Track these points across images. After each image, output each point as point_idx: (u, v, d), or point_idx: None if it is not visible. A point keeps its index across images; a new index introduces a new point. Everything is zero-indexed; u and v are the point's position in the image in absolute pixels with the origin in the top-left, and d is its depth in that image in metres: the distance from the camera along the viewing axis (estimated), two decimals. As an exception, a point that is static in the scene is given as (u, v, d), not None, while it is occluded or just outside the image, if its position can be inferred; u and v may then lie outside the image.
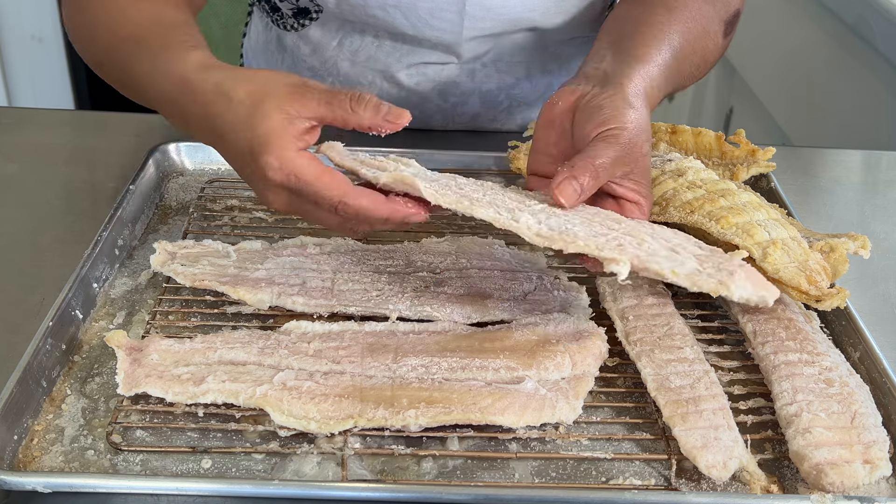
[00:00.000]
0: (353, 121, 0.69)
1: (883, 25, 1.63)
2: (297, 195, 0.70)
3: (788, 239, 0.76)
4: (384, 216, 0.70)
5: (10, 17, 2.42)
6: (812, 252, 0.76)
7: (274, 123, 0.68)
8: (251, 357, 0.71)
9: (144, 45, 0.79)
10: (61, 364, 0.73)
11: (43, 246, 0.90)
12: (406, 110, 0.71)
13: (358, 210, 0.69)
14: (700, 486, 0.65)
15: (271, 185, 0.69)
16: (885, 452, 0.65)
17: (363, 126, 0.69)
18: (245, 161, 0.70)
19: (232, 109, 0.69)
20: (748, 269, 0.66)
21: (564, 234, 0.67)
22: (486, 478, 0.66)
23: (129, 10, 0.84)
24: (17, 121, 1.16)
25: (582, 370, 0.72)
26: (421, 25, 1.04)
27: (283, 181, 0.68)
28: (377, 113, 0.69)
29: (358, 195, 0.68)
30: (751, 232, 0.75)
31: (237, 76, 0.71)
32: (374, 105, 0.69)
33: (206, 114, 0.72)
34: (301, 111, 0.68)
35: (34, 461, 0.65)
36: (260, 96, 0.68)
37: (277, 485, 0.63)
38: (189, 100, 0.73)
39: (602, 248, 0.65)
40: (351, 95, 0.69)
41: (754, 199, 0.81)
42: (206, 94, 0.71)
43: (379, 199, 0.69)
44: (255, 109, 0.68)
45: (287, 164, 0.68)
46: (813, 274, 0.74)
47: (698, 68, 0.93)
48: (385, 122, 0.69)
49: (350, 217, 0.70)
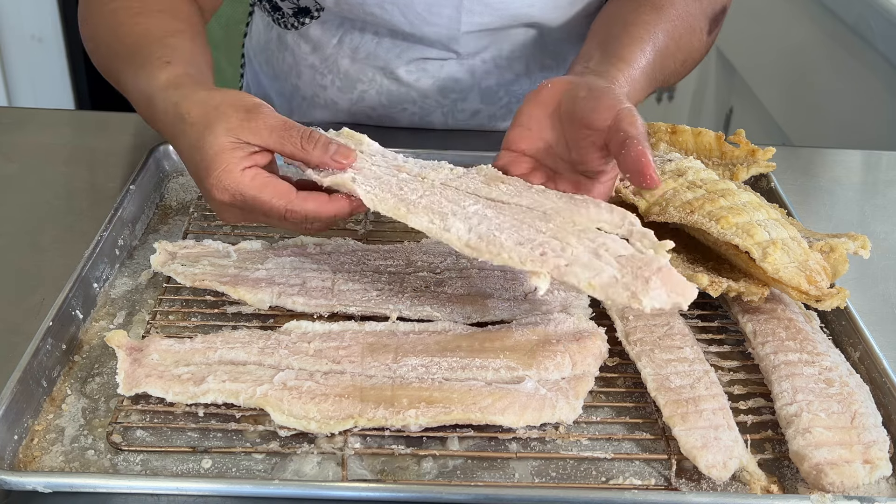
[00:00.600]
0: (300, 157, 0.73)
1: (883, 25, 1.62)
2: (247, 210, 0.73)
3: (788, 239, 0.76)
4: (332, 214, 0.73)
5: (10, 17, 2.42)
6: (812, 252, 0.76)
7: (222, 146, 0.71)
8: (251, 357, 0.71)
9: (129, 62, 0.83)
10: (61, 364, 0.73)
11: (43, 246, 0.90)
12: (353, 150, 0.74)
13: (306, 214, 0.72)
14: (700, 485, 0.65)
15: (220, 204, 0.73)
16: (884, 452, 0.65)
17: (311, 163, 0.73)
18: (199, 181, 0.73)
19: (186, 132, 0.73)
20: (665, 274, 0.65)
21: (491, 244, 0.68)
22: (486, 478, 0.66)
23: (126, 25, 0.87)
24: (17, 121, 1.16)
25: (582, 370, 0.72)
26: (419, 22, 1.04)
27: (230, 200, 0.72)
28: (325, 152, 0.72)
29: (302, 201, 0.72)
30: (751, 232, 0.75)
31: (193, 98, 0.74)
32: (323, 144, 0.72)
33: (168, 133, 0.77)
34: (250, 139, 0.71)
35: (34, 461, 0.65)
36: (211, 120, 0.72)
37: (278, 485, 0.63)
38: (157, 119, 0.78)
39: (524, 261, 0.66)
40: (302, 134, 0.72)
41: (754, 199, 0.81)
42: (168, 114, 0.75)
43: (323, 200, 0.72)
44: (206, 131, 0.71)
45: (231, 183, 0.71)
46: (813, 274, 0.74)
47: (683, 64, 0.96)
48: (332, 160, 0.73)
49: (300, 221, 0.73)
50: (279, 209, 0.71)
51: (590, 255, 0.67)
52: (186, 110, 0.73)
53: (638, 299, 0.63)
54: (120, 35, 0.86)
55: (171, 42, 0.84)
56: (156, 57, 0.80)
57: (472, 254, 0.68)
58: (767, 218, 0.78)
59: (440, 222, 0.70)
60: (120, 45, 0.86)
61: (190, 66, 0.81)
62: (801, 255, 0.75)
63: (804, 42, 2.01)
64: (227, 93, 0.74)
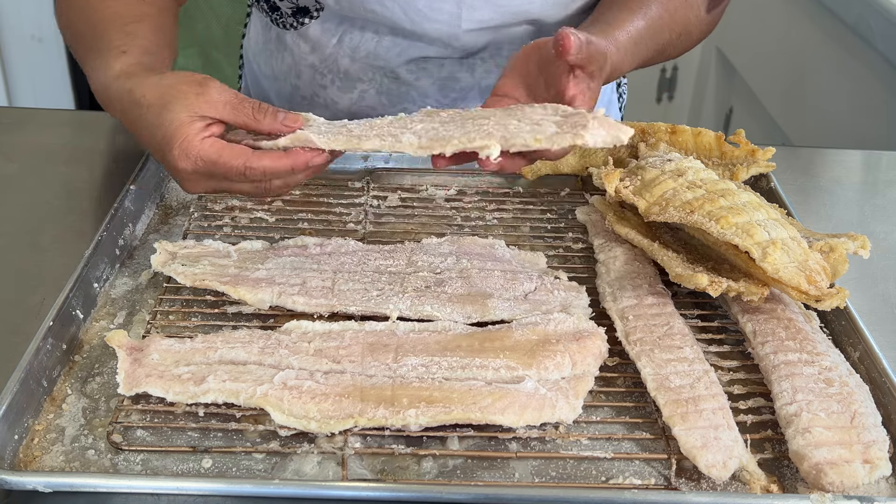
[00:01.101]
0: (252, 126, 0.78)
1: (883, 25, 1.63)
2: (209, 175, 0.77)
3: (788, 239, 0.76)
4: (289, 167, 0.77)
5: (10, 17, 2.43)
6: (812, 252, 0.76)
7: (181, 120, 0.76)
8: (251, 357, 0.71)
9: (91, 48, 0.86)
10: (62, 364, 0.73)
11: (43, 246, 0.90)
12: (299, 115, 0.79)
13: (264, 169, 0.76)
14: (700, 485, 0.65)
15: (184, 173, 0.77)
16: (884, 452, 0.65)
17: (263, 131, 0.78)
18: (163, 157, 0.77)
19: (143, 114, 0.77)
20: (601, 119, 0.71)
21: (441, 139, 0.73)
22: (486, 477, 0.66)
23: (95, 9, 0.89)
24: (17, 121, 1.16)
25: (582, 370, 0.72)
26: (419, 19, 1.04)
27: (193, 167, 0.76)
28: (275, 119, 0.78)
29: (259, 157, 0.76)
30: (751, 232, 0.75)
31: (145, 82, 0.79)
32: (273, 112, 0.78)
33: (126, 120, 0.80)
34: (207, 111, 0.76)
35: (35, 461, 0.65)
36: (168, 98, 0.76)
37: (278, 484, 0.63)
38: (111, 109, 0.81)
39: (473, 140, 0.71)
40: (253, 105, 0.78)
41: (754, 199, 0.81)
42: (123, 101, 0.79)
43: (278, 155, 0.77)
44: (163, 110, 0.76)
45: (192, 150, 0.75)
46: (813, 274, 0.74)
47: (679, 38, 1.01)
48: (282, 125, 0.78)
49: (259, 178, 0.77)
50: (238, 167, 0.76)
51: (531, 126, 0.73)
52: (141, 94, 0.78)
53: (581, 136, 0.69)
54: (88, 18, 0.89)
55: (132, 29, 0.87)
56: (114, 45, 0.84)
57: (424, 153, 0.73)
58: (767, 218, 0.78)
59: (391, 139, 0.75)
60: (87, 28, 0.89)
61: (145, 55, 0.84)
62: (801, 255, 0.75)
63: (804, 42, 2.01)
64: (178, 74, 0.79)
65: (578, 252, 0.91)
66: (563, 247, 0.92)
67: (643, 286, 0.81)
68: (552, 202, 0.99)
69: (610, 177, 0.87)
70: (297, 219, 0.93)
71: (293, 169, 0.77)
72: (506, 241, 0.89)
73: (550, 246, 0.92)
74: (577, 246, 0.92)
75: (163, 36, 0.90)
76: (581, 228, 0.93)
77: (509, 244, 0.89)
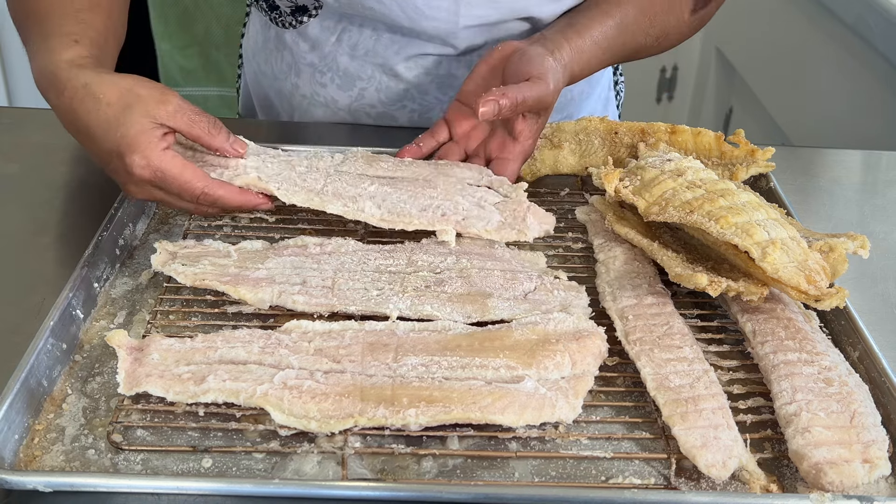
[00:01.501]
0: (205, 140, 0.83)
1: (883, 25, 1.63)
2: (161, 188, 0.81)
3: (788, 239, 0.76)
4: (239, 204, 0.84)
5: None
6: (811, 252, 0.76)
7: (143, 126, 0.78)
8: (252, 356, 0.71)
9: (38, 27, 0.87)
10: (62, 363, 0.74)
11: (43, 246, 0.90)
12: (245, 143, 0.87)
13: (216, 199, 0.82)
14: (699, 485, 0.65)
15: (136, 179, 0.80)
16: (884, 451, 0.65)
17: (213, 147, 0.84)
18: (110, 157, 0.80)
19: (100, 110, 0.79)
20: (533, 210, 0.89)
21: (402, 215, 0.86)
22: (485, 477, 0.66)
23: None
24: (17, 121, 1.16)
25: (582, 369, 0.72)
26: (417, 16, 1.04)
27: (150, 177, 0.80)
28: (227, 139, 0.85)
29: (217, 187, 0.82)
30: (750, 232, 0.75)
31: (104, 80, 0.81)
32: (226, 133, 0.85)
33: (71, 108, 0.81)
34: (166, 121, 0.80)
35: (35, 460, 0.66)
36: (129, 101, 0.79)
37: (278, 484, 0.63)
38: (55, 93, 0.82)
39: (433, 224, 0.86)
40: (209, 121, 0.83)
41: (753, 199, 0.81)
42: (76, 91, 0.80)
43: (234, 191, 0.84)
44: (124, 113, 0.79)
45: (154, 162, 0.79)
46: (812, 274, 0.74)
47: (657, 41, 1.05)
48: (231, 148, 0.85)
49: (208, 204, 0.83)
50: (196, 189, 0.80)
51: (477, 208, 0.88)
52: (101, 91, 0.79)
53: (524, 234, 0.87)
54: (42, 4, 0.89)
55: (85, 17, 0.88)
56: (65, 32, 0.85)
57: (387, 226, 0.86)
58: (767, 218, 0.78)
59: (353, 205, 0.86)
60: (38, 7, 0.89)
61: (95, 48, 0.86)
62: (801, 254, 0.75)
63: (804, 42, 2.01)
64: (134, 77, 0.82)
65: (578, 252, 0.91)
66: (563, 247, 0.92)
67: (643, 286, 0.81)
68: (552, 202, 0.99)
69: (609, 177, 0.87)
70: (297, 219, 0.93)
71: (241, 207, 0.84)
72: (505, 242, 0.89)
73: (550, 246, 0.92)
74: (577, 246, 0.92)
75: (111, 25, 0.91)
76: (581, 228, 0.94)
77: (509, 244, 0.89)
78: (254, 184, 0.85)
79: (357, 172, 0.90)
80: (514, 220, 0.87)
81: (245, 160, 0.88)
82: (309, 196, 0.85)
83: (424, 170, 0.92)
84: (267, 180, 0.86)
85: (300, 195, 0.85)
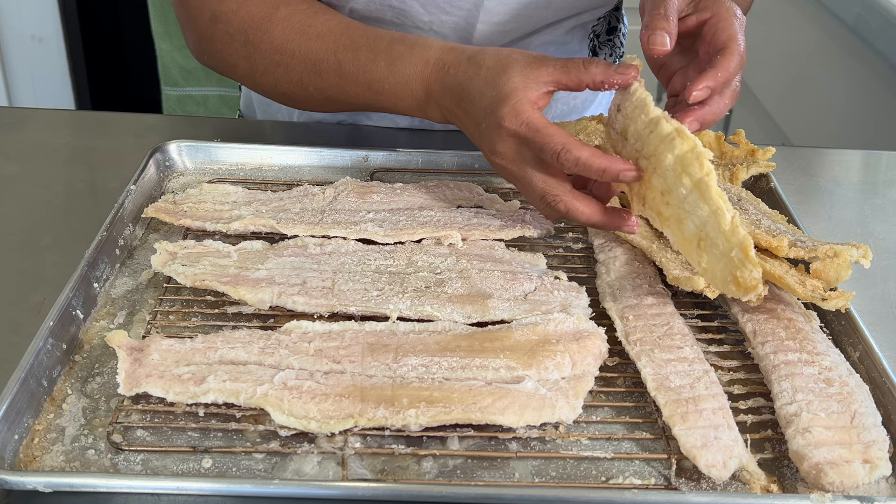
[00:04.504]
0: (586, 79, 0.79)
1: (883, 25, 1.63)
2: (525, 144, 0.80)
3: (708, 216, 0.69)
4: (600, 167, 0.77)
5: (10, 17, 2.43)
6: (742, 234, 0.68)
7: (516, 83, 0.79)
8: (252, 357, 0.71)
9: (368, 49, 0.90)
10: (62, 364, 0.73)
11: (43, 246, 0.90)
12: (632, 65, 0.80)
13: (577, 159, 0.77)
14: (700, 485, 0.65)
15: (505, 133, 0.80)
16: (884, 452, 0.65)
17: (597, 82, 0.79)
18: (483, 115, 0.82)
19: (481, 74, 0.82)
20: (533, 211, 0.91)
21: (405, 229, 0.88)
22: (486, 477, 0.66)
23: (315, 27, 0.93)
24: (17, 121, 1.16)
25: (582, 370, 0.72)
26: (437, 11, 1.04)
27: (516, 129, 0.79)
28: (607, 69, 0.79)
29: (579, 146, 0.77)
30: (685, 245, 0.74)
31: (485, 50, 0.84)
32: (605, 64, 0.79)
33: (455, 83, 0.84)
34: (539, 76, 0.80)
35: (35, 461, 0.66)
36: (505, 63, 0.81)
37: (278, 484, 0.63)
38: (439, 77, 0.86)
39: (437, 231, 0.87)
40: (583, 60, 0.80)
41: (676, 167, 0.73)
42: (460, 65, 0.84)
43: (596, 152, 0.77)
44: (501, 72, 0.81)
45: (522, 114, 0.79)
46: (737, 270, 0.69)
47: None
48: (616, 73, 0.79)
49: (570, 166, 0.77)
50: (556, 146, 0.77)
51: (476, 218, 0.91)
52: (481, 58, 0.83)
53: (528, 228, 0.90)
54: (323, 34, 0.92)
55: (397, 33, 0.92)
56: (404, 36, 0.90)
57: (392, 240, 0.87)
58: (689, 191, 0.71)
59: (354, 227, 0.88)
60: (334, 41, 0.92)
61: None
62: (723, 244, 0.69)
63: (804, 42, 2.01)
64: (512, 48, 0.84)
65: (578, 252, 0.91)
66: (563, 247, 0.92)
67: (643, 286, 0.81)
68: (552, 202, 0.98)
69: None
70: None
71: (605, 171, 0.76)
72: (505, 243, 0.89)
73: (550, 246, 0.92)
74: (577, 246, 0.92)
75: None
76: (581, 228, 0.94)
77: (509, 245, 0.89)
78: (253, 222, 0.87)
79: (350, 209, 0.91)
80: (515, 221, 0.90)
81: (237, 210, 0.90)
82: (310, 227, 0.88)
83: (417, 198, 0.93)
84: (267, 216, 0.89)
85: (300, 227, 0.87)
